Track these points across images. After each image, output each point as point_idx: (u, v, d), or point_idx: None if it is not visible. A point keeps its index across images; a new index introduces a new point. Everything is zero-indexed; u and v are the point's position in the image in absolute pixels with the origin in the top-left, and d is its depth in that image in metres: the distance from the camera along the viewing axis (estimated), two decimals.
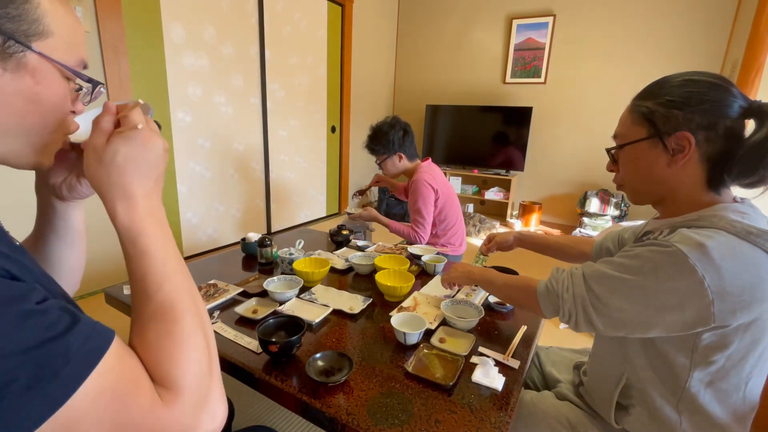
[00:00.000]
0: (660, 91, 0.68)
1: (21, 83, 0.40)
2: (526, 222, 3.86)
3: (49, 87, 0.43)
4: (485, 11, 4.06)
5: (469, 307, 1.13)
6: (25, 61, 0.40)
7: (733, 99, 0.63)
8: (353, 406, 0.77)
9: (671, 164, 0.68)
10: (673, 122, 0.66)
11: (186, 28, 2.45)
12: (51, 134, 0.45)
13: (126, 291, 1.25)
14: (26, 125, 0.42)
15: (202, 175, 2.74)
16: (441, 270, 1.47)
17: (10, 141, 0.42)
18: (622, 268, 0.65)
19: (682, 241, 0.59)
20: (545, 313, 0.77)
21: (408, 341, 0.97)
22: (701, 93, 0.64)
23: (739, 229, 0.60)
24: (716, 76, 0.66)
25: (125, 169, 0.43)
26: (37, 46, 0.41)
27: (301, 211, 3.74)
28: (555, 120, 3.91)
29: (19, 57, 0.39)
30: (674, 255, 0.58)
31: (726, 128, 0.63)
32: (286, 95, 3.29)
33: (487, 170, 4.12)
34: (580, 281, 0.70)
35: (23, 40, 0.39)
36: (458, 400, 0.80)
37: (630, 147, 0.72)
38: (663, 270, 0.59)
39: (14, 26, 0.39)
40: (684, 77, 0.67)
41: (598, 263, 0.70)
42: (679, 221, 0.68)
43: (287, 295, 1.18)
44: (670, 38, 3.31)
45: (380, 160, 1.94)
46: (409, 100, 4.71)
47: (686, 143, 0.65)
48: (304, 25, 3.31)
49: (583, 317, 0.68)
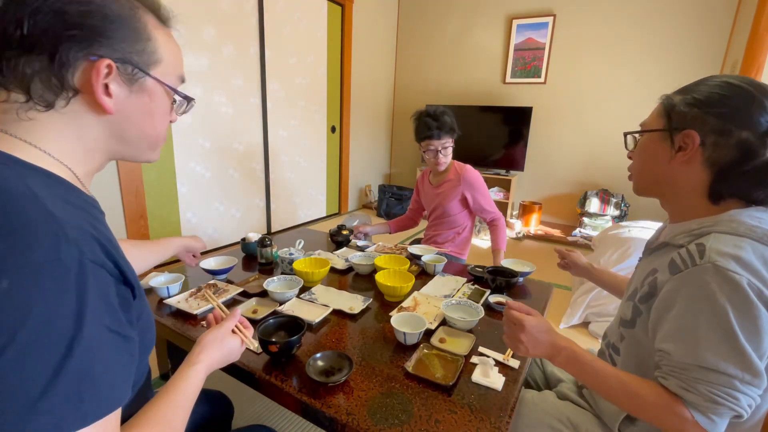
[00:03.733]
0: (694, 87, 0.67)
1: (140, 101, 0.52)
2: (526, 222, 3.86)
3: (160, 103, 0.55)
4: (485, 11, 4.06)
5: (469, 307, 1.13)
6: (145, 84, 0.52)
7: (762, 113, 0.60)
8: (353, 406, 0.77)
9: (672, 160, 0.67)
10: (688, 120, 0.65)
11: (186, 28, 2.45)
12: (160, 139, 0.57)
13: None
14: (143, 134, 0.54)
15: (202, 175, 2.74)
16: (441, 270, 1.48)
17: (130, 146, 0.54)
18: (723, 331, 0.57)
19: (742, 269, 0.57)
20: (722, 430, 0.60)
21: (408, 341, 0.97)
22: (725, 96, 0.62)
23: (761, 235, 0.59)
24: (754, 84, 0.62)
25: (213, 350, 0.66)
26: (153, 72, 0.52)
27: (301, 211, 3.74)
28: (555, 120, 3.91)
29: (141, 82, 0.51)
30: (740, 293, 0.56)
31: (740, 139, 0.61)
32: (286, 95, 3.29)
33: (487, 170, 4.12)
34: (713, 374, 0.58)
35: (145, 68, 0.51)
36: (458, 400, 0.80)
37: (645, 136, 0.73)
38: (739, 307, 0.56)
39: (139, 59, 0.50)
40: (724, 78, 0.65)
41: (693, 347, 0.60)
42: (695, 228, 0.66)
43: (287, 295, 1.18)
44: (671, 38, 3.31)
45: (450, 144, 1.79)
46: (409, 100, 4.71)
47: (690, 142, 0.64)
48: (304, 25, 3.31)
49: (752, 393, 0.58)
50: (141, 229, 2.38)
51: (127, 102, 0.50)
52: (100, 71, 0.46)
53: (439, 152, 1.77)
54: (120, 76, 0.48)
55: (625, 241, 2.10)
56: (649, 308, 0.69)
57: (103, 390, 0.40)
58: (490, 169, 4.12)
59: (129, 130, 0.52)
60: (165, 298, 1.18)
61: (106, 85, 0.47)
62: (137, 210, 2.35)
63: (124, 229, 2.31)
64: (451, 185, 1.84)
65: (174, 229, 2.63)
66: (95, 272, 0.41)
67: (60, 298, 0.38)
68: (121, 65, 0.48)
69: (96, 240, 0.43)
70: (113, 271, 0.44)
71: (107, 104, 0.48)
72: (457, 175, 1.82)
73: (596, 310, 2.05)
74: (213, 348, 0.66)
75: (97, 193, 0.57)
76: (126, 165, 2.23)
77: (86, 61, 0.46)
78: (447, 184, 1.86)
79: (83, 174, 0.52)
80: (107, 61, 0.46)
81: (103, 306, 0.41)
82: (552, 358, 0.71)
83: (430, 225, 2.01)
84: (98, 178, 2.12)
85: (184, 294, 1.20)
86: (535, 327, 0.72)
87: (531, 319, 0.73)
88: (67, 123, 0.48)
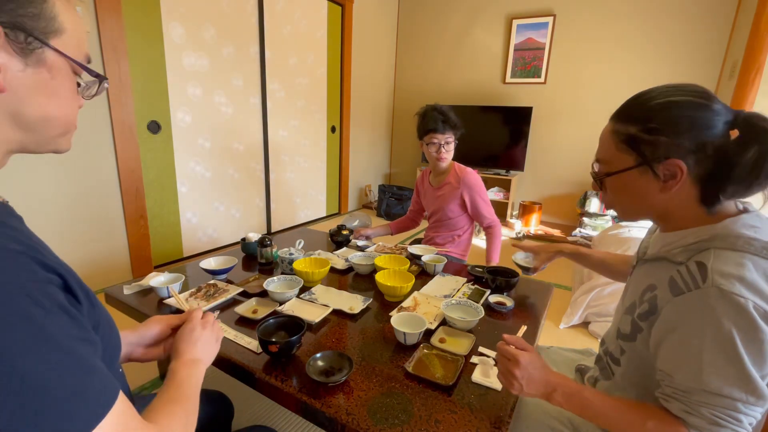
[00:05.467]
0: (642, 115, 0.66)
1: (40, 78, 0.44)
2: (526, 222, 3.86)
3: (63, 81, 0.46)
4: (485, 11, 4.06)
5: (469, 307, 1.13)
6: (44, 57, 0.43)
7: (717, 117, 0.61)
8: (353, 406, 0.77)
9: (664, 190, 0.66)
10: (662, 149, 0.64)
11: (186, 28, 2.45)
12: (69, 123, 0.49)
13: (126, 291, 1.25)
14: (47, 116, 0.46)
15: (202, 175, 2.74)
16: (441, 270, 1.47)
17: (34, 132, 0.46)
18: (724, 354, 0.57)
19: (746, 290, 0.56)
20: None
21: (408, 341, 0.97)
22: (686, 117, 0.62)
23: (759, 248, 0.59)
24: (697, 92, 0.63)
25: (195, 345, 0.68)
26: (53, 43, 0.44)
27: (301, 211, 3.74)
28: (555, 120, 3.91)
29: (39, 53, 0.43)
30: (746, 317, 0.56)
31: (715, 148, 0.61)
32: (286, 95, 3.29)
33: (487, 170, 4.12)
34: (717, 398, 0.58)
35: (42, 37, 0.43)
36: (458, 400, 0.80)
37: (617, 175, 0.70)
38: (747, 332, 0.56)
39: (34, 24, 0.42)
40: (665, 98, 0.64)
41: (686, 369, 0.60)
42: (692, 242, 0.65)
43: (287, 295, 1.18)
44: (671, 38, 3.31)
45: (453, 141, 1.80)
46: (409, 100, 4.71)
47: (677, 170, 0.63)
48: (304, 25, 3.31)
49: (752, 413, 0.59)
50: (141, 229, 2.38)
51: (23, 77, 0.42)
52: None
53: (441, 146, 1.77)
54: (10, 44, 0.40)
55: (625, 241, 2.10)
56: (650, 325, 0.68)
57: (92, 397, 0.39)
58: (490, 169, 4.12)
59: (28, 113, 0.44)
60: (165, 298, 1.18)
61: None
62: (137, 210, 2.35)
63: (124, 229, 2.31)
64: (450, 188, 1.84)
65: (174, 229, 2.63)
66: (43, 290, 0.38)
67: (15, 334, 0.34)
68: (10, 31, 0.40)
69: (25, 255, 0.38)
70: (57, 281, 0.41)
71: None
72: (457, 178, 1.82)
73: (596, 310, 2.05)
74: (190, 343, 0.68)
75: (97, 192, 0.54)
76: (126, 165, 2.23)
77: None
78: (447, 186, 1.86)
79: None
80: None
81: (64, 318, 0.38)
82: (548, 397, 0.70)
83: (431, 226, 2.01)
84: (97, 178, 2.12)
85: (184, 294, 1.20)
86: (530, 363, 0.71)
87: (526, 355, 0.72)
88: None
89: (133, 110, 2.23)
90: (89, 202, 2.13)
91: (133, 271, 2.39)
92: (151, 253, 2.47)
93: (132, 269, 2.39)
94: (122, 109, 2.17)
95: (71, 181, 2.04)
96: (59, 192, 2.01)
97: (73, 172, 2.04)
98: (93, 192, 2.14)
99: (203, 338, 0.70)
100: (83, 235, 2.14)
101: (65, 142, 0.50)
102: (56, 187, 2.00)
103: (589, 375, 0.90)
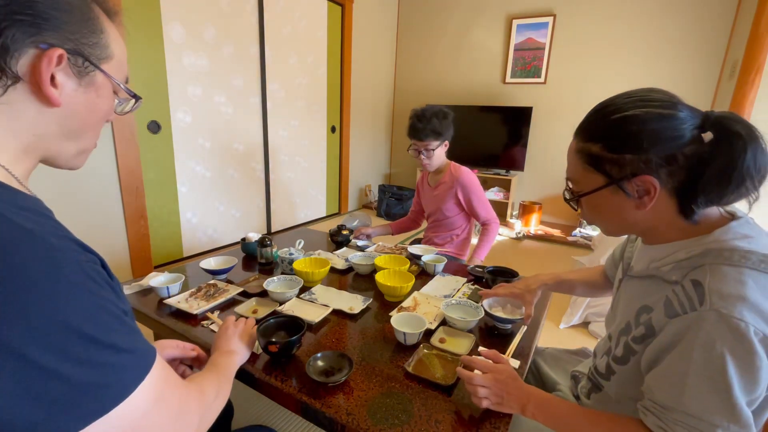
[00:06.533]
0: (602, 133, 0.63)
1: (87, 96, 0.50)
2: (526, 222, 3.86)
3: (105, 100, 0.53)
4: (485, 11, 4.06)
5: (469, 307, 1.13)
6: (95, 79, 0.50)
7: (684, 125, 0.58)
8: (353, 406, 0.77)
9: (640, 207, 0.63)
10: (628, 167, 0.61)
11: (186, 28, 2.45)
12: (94, 138, 0.55)
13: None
14: (87, 129, 0.53)
15: (202, 175, 2.74)
16: (441, 270, 1.47)
17: (76, 141, 0.52)
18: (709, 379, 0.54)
19: (748, 316, 0.53)
20: None
21: (408, 341, 0.97)
22: (649, 131, 0.58)
23: (757, 262, 0.56)
24: (660, 101, 0.60)
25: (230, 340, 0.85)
26: (104, 67, 0.51)
27: (301, 211, 3.74)
28: (555, 120, 3.91)
29: (92, 76, 0.50)
30: (744, 341, 0.53)
31: (685, 157, 0.59)
32: (286, 95, 3.29)
33: (487, 170, 4.12)
34: (695, 420, 0.56)
35: (96, 62, 0.50)
36: (458, 400, 0.80)
37: (590, 196, 0.67)
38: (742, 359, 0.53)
39: (92, 51, 0.49)
40: (625, 112, 0.60)
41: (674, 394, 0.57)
42: (683, 258, 0.62)
43: (287, 295, 1.17)
44: (670, 38, 3.31)
45: (436, 146, 1.76)
46: (409, 100, 4.71)
47: (650, 186, 0.60)
48: (304, 25, 3.31)
49: None
50: (141, 229, 2.38)
51: (75, 95, 0.48)
52: (51, 60, 0.44)
53: (421, 153, 1.78)
54: (70, 67, 0.47)
55: None
56: (645, 347, 0.65)
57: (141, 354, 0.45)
58: (490, 169, 4.12)
59: (74, 126, 0.50)
60: (165, 298, 1.18)
61: (52, 76, 0.45)
62: (137, 210, 2.35)
63: (124, 229, 2.31)
64: (446, 187, 1.85)
65: (174, 229, 2.63)
66: (93, 268, 0.43)
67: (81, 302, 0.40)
68: (72, 56, 0.46)
69: (70, 240, 0.43)
70: (97, 261, 0.46)
71: (54, 95, 0.45)
72: (452, 177, 1.82)
73: (596, 310, 2.05)
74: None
75: (96, 192, 0.57)
76: (126, 165, 2.23)
77: (35, 48, 0.44)
78: (443, 186, 1.86)
79: (22, 175, 0.48)
80: (59, 50, 0.44)
81: (113, 295, 0.44)
82: (523, 408, 0.71)
83: (429, 227, 2.02)
84: (97, 178, 2.12)
85: (184, 294, 1.20)
86: (507, 374, 0.74)
87: (500, 366, 0.76)
88: (1, 114, 0.44)
89: None
90: (89, 202, 2.13)
91: (133, 271, 2.39)
92: (151, 253, 2.47)
93: (132, 269, 2.39)
94: None
95: (71, 181, 2.04)
96: (59, 192, 2.01)
97: (73, 171, 2.04)
98: (93, 192, 2.14)
99: (237, 335, 0.85)
100: (83, 235, 2.13)
101: (83, 159, 0.56)
102: (56, 187, 2.00)
103: (582, 385, 0.88)
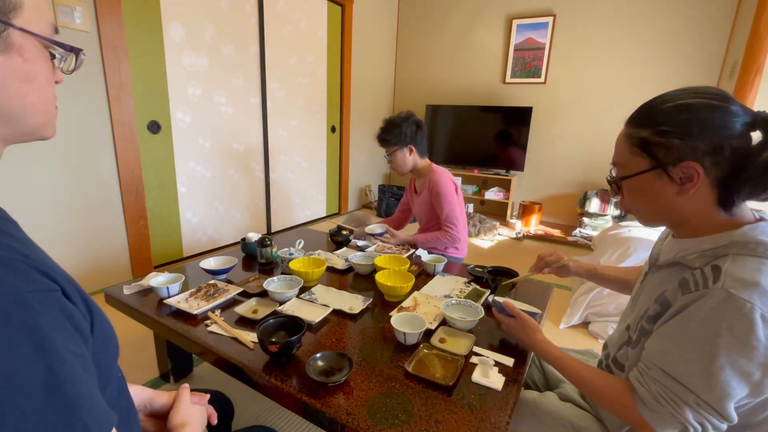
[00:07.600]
0: (654, 119, 0.65)
1: (12, 63, 0.40)
2: (526, 222, 3.86)
3: (37, 62, 0.42)
4: (485, 11, 4.06)
5: (468, 307, 1.13)
6: (11, 40, 0.39)
7: (735, 118, 0.60)
8: (353, 406, 0.77)
9: (681, 193, 0.64)
10: (675, 152, 0.62)
11: (186, 28, 2.45)
12: (50, 108, 0.46)
13: (126, 291, 1.25)
14: (27, 104, 0.42)
15: (202, 175, 2.74)
16: (441, 270, 1.48)
17: (16, 125, 0.43)
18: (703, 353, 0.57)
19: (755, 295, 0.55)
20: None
21: (408, 341, 0.97)
22: (700, 119, 0.60)
23: None
24: (713, 94, 0.62)
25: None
26: (16, 22, 0.39)
27: (301, 211, 3.74)
28: (555, 120, 3.91)
29: (5, 38, 0.39)
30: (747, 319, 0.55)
31: (732, 149, 0.60)
32: (286, 95, 3.29)
33: (487, 170, 4.12)
34: (671, 381, 0.61)
35: (3, 18, 0.38)
36: (458, 400, 0.80)
37: (633, 179, 0.69)
38: (745, 333, 0.55)
39: None
40: (678, 101, 0.63)
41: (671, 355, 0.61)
42: (709, 248, 0.64)
43: (287, 295, 1.18)
44: (670, 38, 3.31)
45: (390, 152, 1.83)
46: (409, 100, 4.71)
47: (694, 173, 0.62)
48: (304, 25, 3.31)
49: (712, 414, 0.59)
50: (141, 229, 2.38)
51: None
52: None
53: (386, 157, 1.88)
54: None
55: (625, 241, 2.10)
56: (655, 326, 0.68)
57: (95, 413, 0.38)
58: (490, 169, 4.12)
59: (8, 104, 0.41)
60: (165, 298, 1.18)
61: None
62: (137, 210, 2.35)
63: (124, 229, 2.31)
64: (426, 192, 1.87)
65: (174, 229, 2.63)
66: (42, 301, 0.36)
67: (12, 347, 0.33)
68: None
69: (24, 263, 0.37)
70: (55, 287, 0.39)
71: None
72: (429, 181, 1.84)
73: (596, 310, 2.05)
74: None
75: (96, 193, 0.52)
76: (126, 165, 2.23)
77: None
78: (424, 191, 1.88)
79: None
80: None
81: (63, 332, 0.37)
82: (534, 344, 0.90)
83: (421, 230, 2.02)
84: (97, 178, 2.12)
85: (184, 294, 1.20)
86: (523, 324, 0.94)
87: (517, 322, 0.95)
88: None
89: (133, 110, 2.23)
90: (89, 202, 2.13)
91: (133, 271, 2.39)
92: (151, 253, 2.47)
93: (132, 269, 2.39)
94: (122, 109, 2.17)
95: (71, 181, 2.04)
96: (59, 192, 2.01)
97: (73, 172, 2.04)
98: (93, 192, 2.13)
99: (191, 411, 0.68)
100: (83, 235, 2.14)
101: (50, 129, 0.47)
102: (56, 187, 2.00)
103: None
